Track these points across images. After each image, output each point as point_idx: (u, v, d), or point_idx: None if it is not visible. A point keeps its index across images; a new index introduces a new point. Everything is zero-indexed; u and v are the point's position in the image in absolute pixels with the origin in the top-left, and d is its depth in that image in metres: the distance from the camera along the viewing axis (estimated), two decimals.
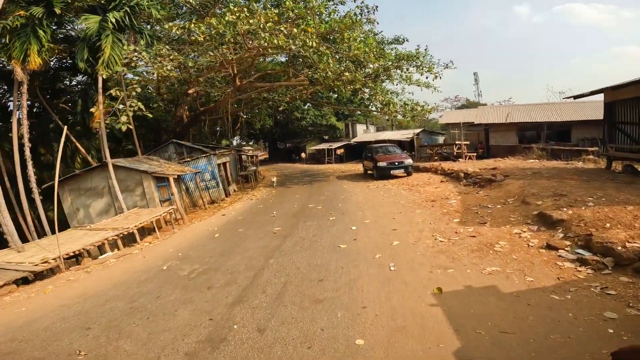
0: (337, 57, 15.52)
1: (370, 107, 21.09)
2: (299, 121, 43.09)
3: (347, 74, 14.45)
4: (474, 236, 5.83)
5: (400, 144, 27.61)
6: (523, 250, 5.09)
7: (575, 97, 10.33)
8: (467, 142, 20.15)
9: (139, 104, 11.22)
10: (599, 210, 5.57)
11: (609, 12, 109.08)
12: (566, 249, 4.93)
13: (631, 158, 9.45)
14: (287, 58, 20.15)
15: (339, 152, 36.39)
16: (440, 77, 16.20)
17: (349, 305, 3.97)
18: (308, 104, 43.75)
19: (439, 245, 5.64)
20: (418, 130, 33.74)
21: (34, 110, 18.14)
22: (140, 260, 7.20)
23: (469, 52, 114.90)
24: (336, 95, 22.59)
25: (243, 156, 26.48)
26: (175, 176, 12.34)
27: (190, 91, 19.00)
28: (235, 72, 18.35)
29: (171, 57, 11.42)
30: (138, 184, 12.63)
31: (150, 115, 14.17)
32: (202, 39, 11.40)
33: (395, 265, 5.01)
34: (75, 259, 8.11)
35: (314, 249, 6.27)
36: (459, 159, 18.49)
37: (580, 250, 4.81)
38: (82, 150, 17.33)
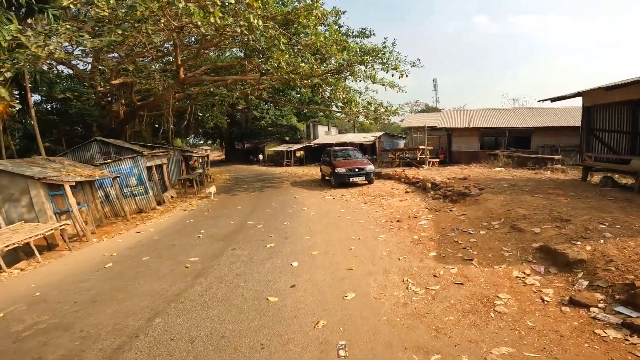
0: (295, 48, 13.54)
1: (331, 106, 19.33)
2: (258, 121, 40.45)
3: (303, 64, 12.50)
4: (460, 283, 4.05)
5: (361, 147, 26.24)
6: (538, 310, 3.38)
7: (552, 100, 9.22)
8: (431, 148, 19.10)
9: None
10: (623, 244, 4.06)
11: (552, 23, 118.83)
12: (600, 305, 3.31)
13: (612, 169, 8.46)
14: (244, 51, 17.75)
15: (298, 154, 34.39)
16: (407, 76, 14.87)
17: None
18: (269, 103, 41.39)
19: (414, 301, 3.77)
20: (380, 134, 32.74)
21: None
22: None
23: (429, 59, 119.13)
24: (298, 95, 20.53)
25: (194, 157, 23.47)
26: (74, 183, 9.50)
27: (114, 81, 15.88)
28: (179, 62, 15.67)
29: (60, 32, 8.63)
30: (24, 193, 9.59)
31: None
32: (106, 14, 8.73)
33: (348, 347, 3.05)
34: None
35: (230, 302, 4.14)
36: (423, 165, 17.30)
37: (622, 309, 3.19)
38: None
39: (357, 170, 12.79)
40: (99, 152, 16.96)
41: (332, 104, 19.10)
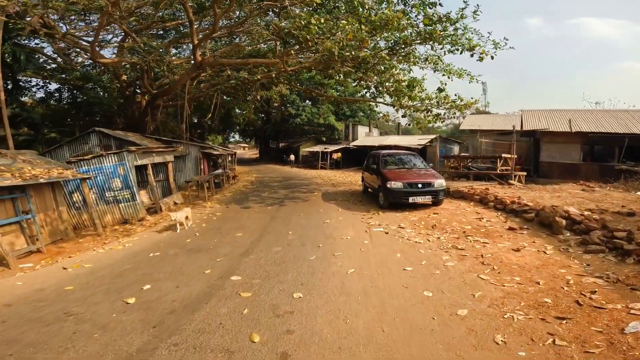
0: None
1: (379, 96, 15.15)
2: (293, 118, 37.02)
3: (344, 25, 8.60)
4: None
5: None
6: None
7: None
8: (515, 156, 14.07)
9: None
10: None
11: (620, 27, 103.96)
12: None
13: None
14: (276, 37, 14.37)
15: (335, 156, 30.39)
16: (493, 57, 10.50)
17: None
18: (303, 98, 37.88)
19: None
20: (432, 137, 27.78)
21: None
22: None
23: (471, 60, 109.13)
24: (337, 86, 16.54)
25: (214, 154, 20.41)
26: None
27: (103, 60, 13.05)
28: (195, 42, 12.45)
29: None
30: None
31: None
32: None
33: None
34: None
35: None
36: (509, 181, 12.41)
37: None
38: None
39: (420, 185, 8.43)
40: (99, 145, 14.40)
41: (379, 95, 14.90)
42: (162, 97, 18.13)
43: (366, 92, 15.17)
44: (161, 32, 18.94)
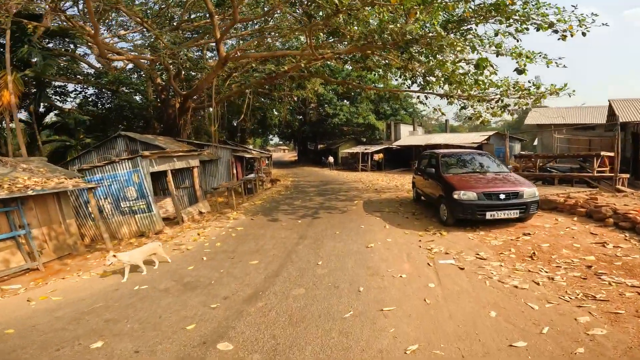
0: None
1: (426, 87, 12.74)
2: (331, 118, 35.24)
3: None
4: None
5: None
6: None
7: None
8: (611, 154, 10.90)
9: None
10: None
11: None
12: None
13: None
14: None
15: (376, 157, 28.07)
16: (585, 34, 8.00)
17: None
18: (340, 95, 35.96)
19: None
20: (489, 134, 24.43)
21: None
22: None
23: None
24: (375, 77, 14.45)
25: (246, 157, 19.28)
26: None
27: (115, 58, 12.19)
28: (219, 36, 11.24)
29: None
30: None
31: None
32: None
33: None
34: None
35: None
36: (615, 186, 9.40)
37: None
38: None
39: (502, 196, 6.06)
40: (126, 150, 13.89)
41: (427, 86, 12.51)
42: (191, 98, 17.33)
43: (412, 84, 12.88)
44: (193, 34, 18.28)
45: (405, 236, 6.33)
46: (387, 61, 13.74)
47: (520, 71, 8.62)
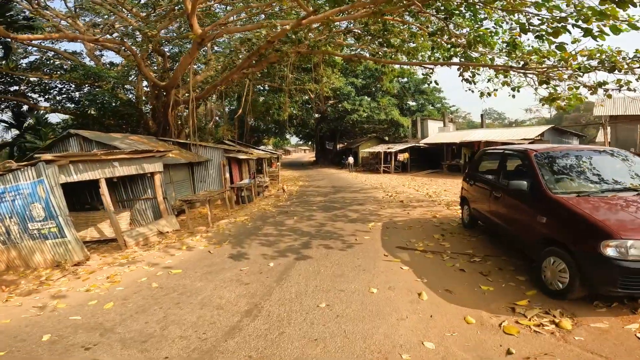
0: None
1: (479, 59, 8.94)
2: (350, 114, 31.60)
3: None
4: None
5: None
6: None
7: None
8: None
9: None
10: None
11: None
12: None
13: None
14: None
15: (401, 157, 24.23)
16: None
17: None
18: (363, 96, 32.25)
19: None
20: (544, 128, 20.04)
21: None
22: None
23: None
24: (400, 50, 10.91)
25: (242, 158, 16.18)
26: None
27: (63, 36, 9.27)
28: (189, 8, 8.20)
29: None
30: None
31: None
32: None
33: None
34: None
35: None
36: None
37: None
38: None
39: None
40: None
41: (480, 53, 8.84)
42: (174, 89, 14.45)
43: (452, 50, 9.20)
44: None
45: (471, 330, 2.78)
46: (414, 28, 10.23)
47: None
